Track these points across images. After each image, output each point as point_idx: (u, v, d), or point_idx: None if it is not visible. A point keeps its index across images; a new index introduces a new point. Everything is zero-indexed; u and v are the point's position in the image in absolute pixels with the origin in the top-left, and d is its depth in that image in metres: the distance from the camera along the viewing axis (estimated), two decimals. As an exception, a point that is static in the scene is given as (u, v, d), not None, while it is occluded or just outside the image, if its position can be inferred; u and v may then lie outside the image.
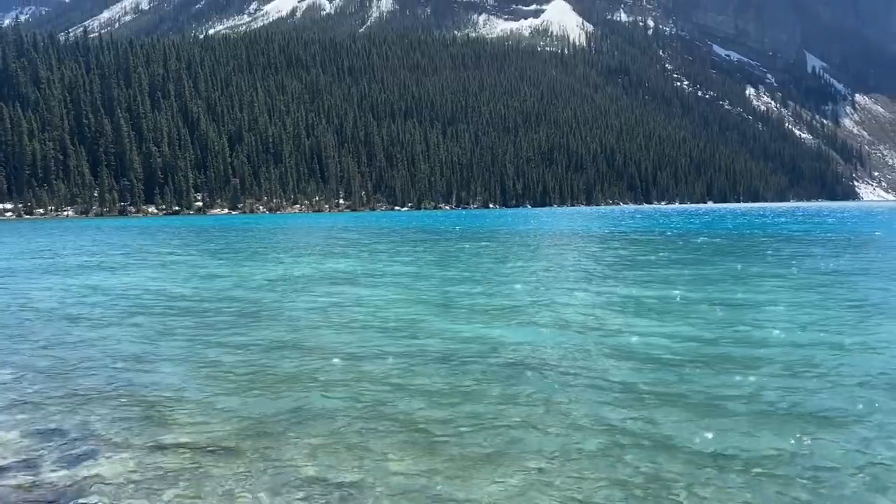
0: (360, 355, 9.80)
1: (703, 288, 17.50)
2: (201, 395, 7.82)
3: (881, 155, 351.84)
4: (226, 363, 9.30)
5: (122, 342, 10.67)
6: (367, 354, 9.93)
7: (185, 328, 12.07)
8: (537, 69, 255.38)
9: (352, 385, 8.31)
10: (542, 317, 12.96)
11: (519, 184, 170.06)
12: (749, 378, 8.73)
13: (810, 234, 43.33)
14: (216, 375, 8.70)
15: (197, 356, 9.76)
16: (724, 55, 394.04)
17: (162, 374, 8.73)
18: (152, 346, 10.37)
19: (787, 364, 9.39)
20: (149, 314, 13.57)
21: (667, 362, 9.28)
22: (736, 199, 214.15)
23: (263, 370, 8.95)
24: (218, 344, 10.47)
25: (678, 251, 29.61)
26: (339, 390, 8.09)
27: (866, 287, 17.22)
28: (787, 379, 8.70)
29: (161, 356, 9.73)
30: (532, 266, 23.16)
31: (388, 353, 9.91)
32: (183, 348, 10.34)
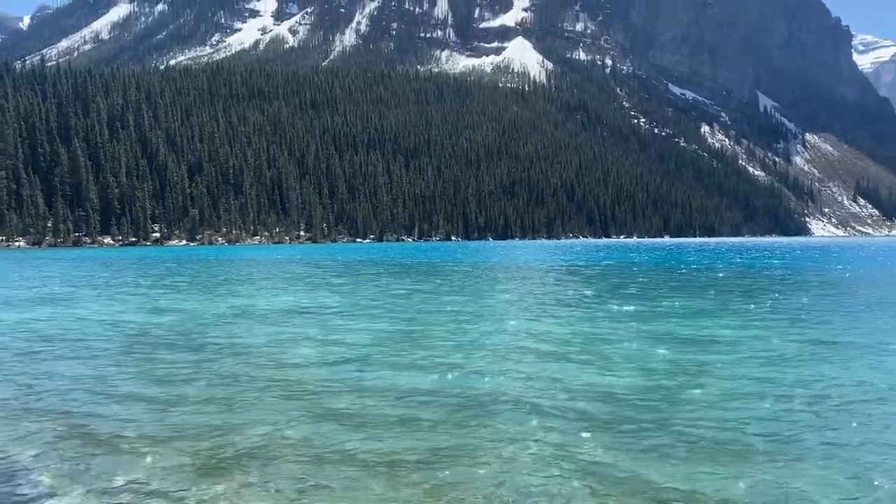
0: (317, 389, 9.64)
1: (664, 320, 17.73)
2: (151, 432, 7.60)
3: (831, 192, 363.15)
4: (177, 399, 9.08)
5: (65, 377, 10.37)
6: (324, 388, 9.77)
7: (135, 362, 11.78)
8: (499, 104, 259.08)
9: (309, 420, 8.16)
10: (502, 349, 12.96)
11: (481, 217, 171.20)
12: (700, 411, 8.83)
13: (768, 269, 44.29)
14: (166, 411, 8.47)
15: (146, 391, 9.52)
16: (680, 94, 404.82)
17: (111, 410, 8.48)
18: (99, 382, 10.09)
19: (738, 395, 9.54)
20: (95, 349, 13.22)
21: (623, 397, 9.35)
22: (692, 233, 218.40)
23: (217, 406, 8.75)
24: (168, 379, 10.23)
25: (634, 284, 29.99)
26: (296, 425, 7.93)
27: (828, 323, 17.63)
28: (737, 411, 8.84)
29: (111, 391, 9.46)
30: (491, 298, 23.22)
31: (346, 388, 9.78)
32: (133, 383, 10.08)
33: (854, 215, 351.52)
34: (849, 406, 8.89)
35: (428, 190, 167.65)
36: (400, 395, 9.27)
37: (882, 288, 27.83)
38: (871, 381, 10.23)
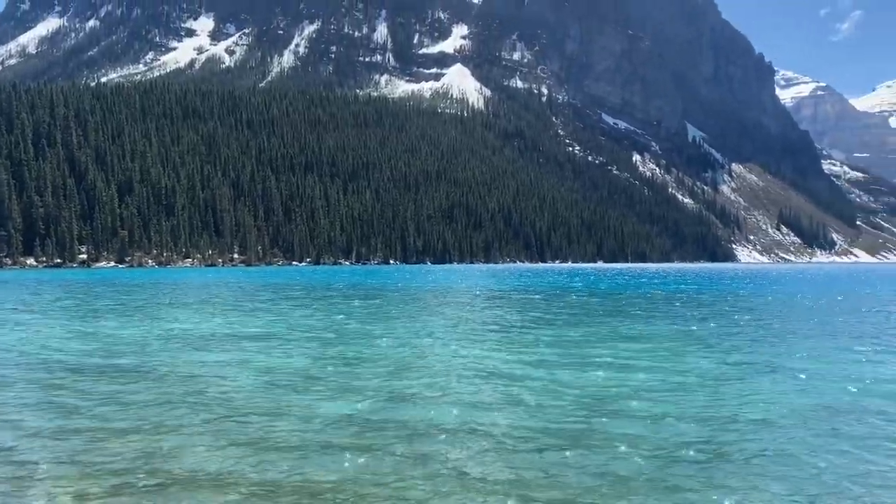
0: (241, 417, 9.40)
1: (591, 344, 18.02)
2: (70, 460, 7.29)
3: (756, 220, 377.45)
4: (98, 426, 8.74)
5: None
6: (248, 415, 9.53)
7: (44, 391, 11.32)
8: (438, 129, 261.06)
9: (241, 448, 7.95)
10: (433, 374, 12.93)
11: (419, 240, 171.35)
12: (627, 430, 8.99)
13: (689, 293, 45.53)
14: (87, 439, 8.14)
15: (64, 419, 9.13)
16: (613, 123, 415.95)
17: (19, 443, 8.09)
18: (2, 412, 9.65)
19: (658, 416, 9.75)
20: (7, 378, 12.68)
21: (550, 420, 9.44)
22: (624, 259, 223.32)
23: (143, 434, 8.46)
24: (78, 408, 9.84)
25: (566, 309, 30.44)
26: (219, 453, 7.71)
27: (751, 346, 18.23)
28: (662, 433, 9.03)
29: (18, 422, 9.04)
30: (424, 322, 23.20)
31: (271, 414, 9.56)
32: (48, 411, 9.67)
33: (777, 243, 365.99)
34: (765, 425, 9.19)
35: (366, 213, 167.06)
36: (326, 421, 9.12)
37: (803, 314, 28.97)
38: (785, 401, 10.60)
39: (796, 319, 25.73)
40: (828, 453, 7.90)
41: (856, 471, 7.36)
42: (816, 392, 11.25)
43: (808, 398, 10.82)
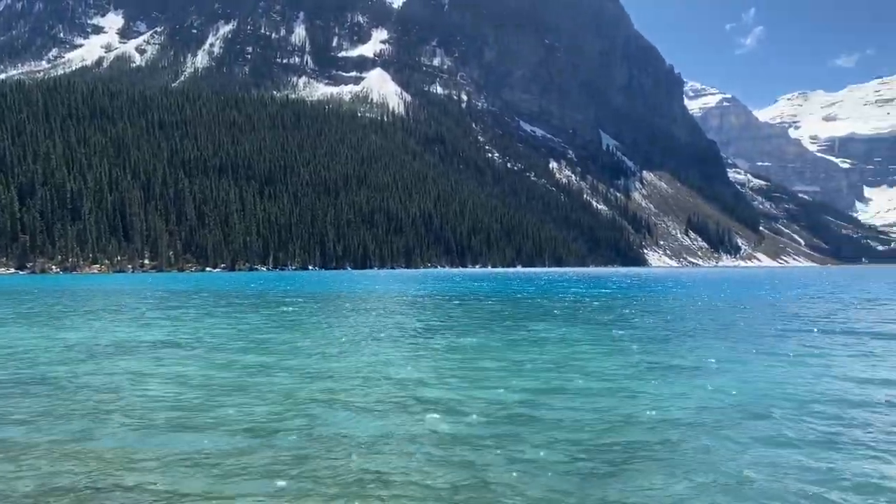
0: (148, 432, 8.92)
1: (512, 347, 18.03)
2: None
3: (666, 226, 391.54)
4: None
5: None
6: (156, 427, 9.08)
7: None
8: (357, 133, 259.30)
9: (140, 462, 7.53)
10: (354, 380, 12.63)
11: (339, 245, 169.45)
12: (555, 433, 8.95)
13: (608, 297, 46.58)
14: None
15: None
16: (530, 131, 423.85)
17: None
18: None
19: (579, 417, 9.77)
20: None
21: (469, 425, 9.33)
22: (542, 263, 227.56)
23: (39, 449, 7.86)
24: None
25: (480, 313, 30.56)
26: (132, 466, 7.30)
27: (664, 347, 18.63)
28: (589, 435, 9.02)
29: None
30: (343, 329, 22.78)
31: (183, 427, 9.13)
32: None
33: (686, 247, 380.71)
34: (686, 424, 9.31)
35: (283, 217, 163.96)
36: (236, 431, 8.72)
37: (716, 314, 29.98)
38: (690, 401, 10.80)
39: (705, 321, 26.57)
40: (733, 451, 8.10)
41: (760, 467, 7.55)
42: (723, 392, 11.52)
43: (713, 398, 11.06)
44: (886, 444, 8.40)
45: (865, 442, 8.49)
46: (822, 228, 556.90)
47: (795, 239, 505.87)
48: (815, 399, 10.92)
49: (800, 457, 7.83)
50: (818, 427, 9.11)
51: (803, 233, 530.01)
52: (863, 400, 10.97)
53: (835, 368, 14.11)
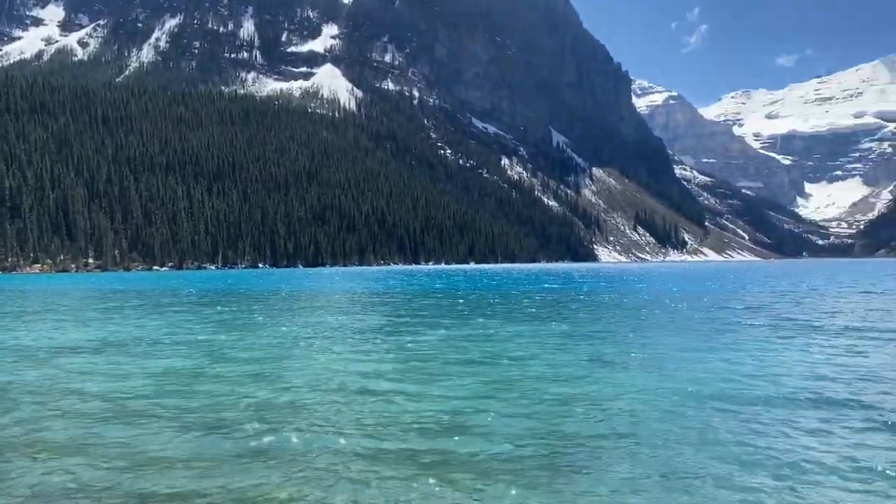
0: (91, 434, 8.68)
1: (464, 342, 18.05)
2: None
3: (615, 222, 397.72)
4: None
5: None
6: (101, 426, 8.86)
7: None
8: (308, 130, 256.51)
9: (85, 457, 7.33)
10: (301, 380, 12.47)
11: (290, 243, 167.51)
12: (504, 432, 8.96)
13: (558, 292, 47.04)
14: None
15: None
16: (482, 127, 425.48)
17: None
18: None
19: (527, 413, 9.84)
20: None
21: (417, 422, 9.34)
22: (494, 259, 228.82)
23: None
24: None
25: (431, 310, 30.54)
26: (70, 467, 7.08)
27: (612, 339, 18.87)
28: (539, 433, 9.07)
29: None
30: (290, 327, 22.52)
31: (125, 423, 8.93)
32: None
33: (634, 243, 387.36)
34: (630, 414, 9.45)
35: (233, 215, 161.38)
36: (182, 429, 8.55)
37: (666, 308, 30.53)
38: (633, 392, 10.97)
39: (655, 315, 27.03)
40: (674, 440, 8.34)
41: (699, 457, 7.77)
42: (667, 383, 11.74)
43: (657, 390, 11.27)
44: (820, 431, 8.69)
45: (805, 427, 8.79)
46: (764, 223, 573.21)
47: (739, 234, 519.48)
48: (751, 389, 11.24)
49: (735, 447, 8.07)
50: (753, 416, 9.41)
51: (747, 228, 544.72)
52: (798, 390, 11.31)
53: (775, 360, 14.52)
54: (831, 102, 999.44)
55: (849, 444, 8.09)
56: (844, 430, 8.65)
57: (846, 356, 14.94)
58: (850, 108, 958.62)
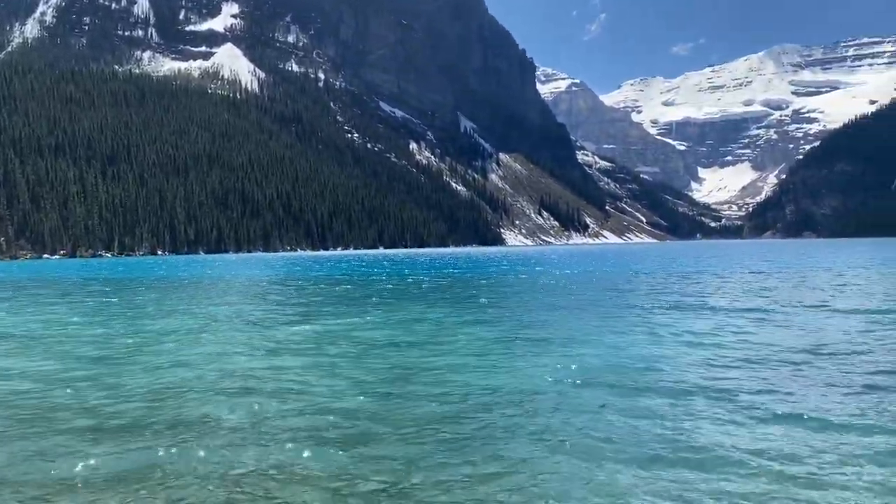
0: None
1: (372, 329, 17.88)
2: None
3: (521, 206, 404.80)
4: None
5: None
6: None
7: None
8: (208, 111, 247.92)
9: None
10: (208, 368, 12.08)
11: (191, 229, 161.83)
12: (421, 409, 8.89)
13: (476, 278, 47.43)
14: None
15: None
16: (390, 111, 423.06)
17: None
18: None
19: (440, 396, 9.82)
20: None
21: (323, 403, 9.21)
22: (404, 244, 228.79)
23: None
24: None
25: (337, 297, 30.19)
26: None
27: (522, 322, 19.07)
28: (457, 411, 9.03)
29: None
30: (193, 317, 21.78)
31: (20, 406, 8.43)
32: None
33: (540, 227, 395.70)
34: (538, 394, 9.55)
35: (129, 200, 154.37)
36: (78, 424, 8.11)
37: (571, 289, 31.21)
38: (532, 373, 11.12)
39: (562, 296, 27.60)
40: (570, 422, 8.46)
41: (609, 432, 8.01)
42: (570, 364, 11.96)
43: (564, 369, 11.47)
44: (724, 409, 9.00)
45: (702, 407, 9.09)
46: (661, 207, 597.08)
47: (638, 217, 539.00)
48: (655, 367, 11.59)
49: (646, 424, 8.27)
50: (663, 394, 9.68)
51: (645, 211, 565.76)
52: (702, 364, 11.72)
53: (675, 338, 15.03)
54: (723, 91, 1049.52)
55: (741, 425, 8.37)
56: (735, 411, 8.97)
57: (738, 335, 15.62)
58: (740, 97, 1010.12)
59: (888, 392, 9.63)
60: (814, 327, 16.20)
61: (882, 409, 8.78)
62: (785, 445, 7.47)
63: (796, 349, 13.09)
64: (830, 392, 9.69)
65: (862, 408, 8.81)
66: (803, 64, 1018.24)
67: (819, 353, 12.76)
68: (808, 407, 8.89)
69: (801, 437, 7.77)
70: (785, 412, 8.67)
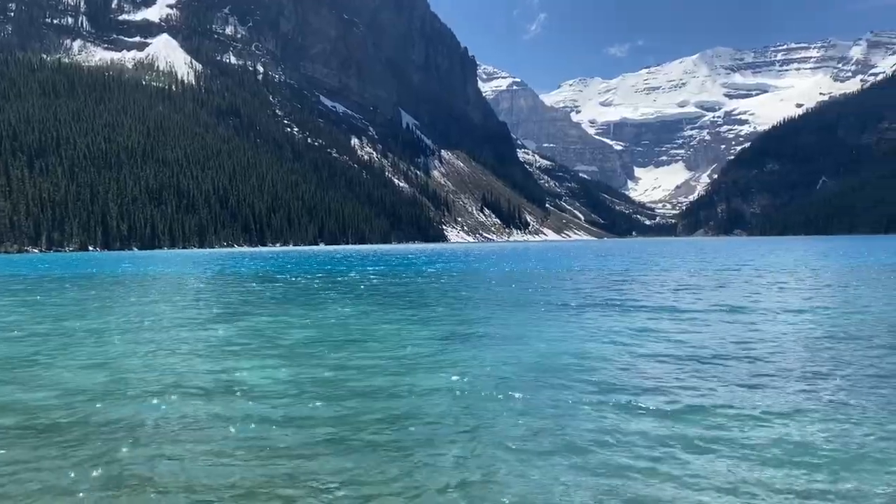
0: None
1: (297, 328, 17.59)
2: None
3: (463, 203, 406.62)
4: None
5: None
6: None
7: None
8: (143, 103, 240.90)
9: None
10: (133, 368, 11.75)
11: (124, 224, 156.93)
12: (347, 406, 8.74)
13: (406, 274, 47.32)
14: None
15: None
16: (331, 106, 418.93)
17: None
18: None
19: (367, 392, 9.74)
20: None
21: (256, 401, 9.04)
22: (345, 241, 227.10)
23: None
24: None
25: (273, 295, 29.72)
26: None
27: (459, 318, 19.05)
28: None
29: None
30: (118, 316, 21.13)
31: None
32: None
33: (481, 224, 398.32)
34: (471, 391, 9.54)
35: (58, 194, 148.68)
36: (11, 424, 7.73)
37: (510, 286, 31.37)
38: (470, 369, 11.10)
39: (499, 294, 27.71)
40: (501, 418, 8.51)
41: (543, 426, 8.11)
42: (502, 360, 12.02)
43: (493, 365, 11.51)
44: (652, 402, 9.16)
45: (636, 399, 9.25)
46: (599, 205, 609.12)
47: (577, 215, 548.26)
48: (591, 363, 11.73)
49: (580, 419, 8.37)
50: (590, 390, 9.81)
51: (583, 209, 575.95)
52: (635, 360, 11.91)
53: (608, 334, 15.22)
54: (658, 92, 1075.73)
55: (658, 418, 8.56)
56: (649, 404, 9.16)
57: (662, 333, 15.93)
58: (675, 98, 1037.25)
59: (794, 386, 9.98)
60: (734, 327, 16.60)
61: (789, 401, 9.13)
62: (699, 436, 7.76)
63: (713, 347, 13.41)
64: (747, 387, 10.06)
65: (772, 402, 9.15)
66: (735, 67, 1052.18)
67: (738, 349, 13.12)
68: (720, 401, 9.20)
69: (715, 428, 8.08)
70: (699, 405, 8.98)
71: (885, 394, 9.56)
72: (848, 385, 10.14)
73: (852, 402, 9.11)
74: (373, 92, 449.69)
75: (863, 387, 10.01)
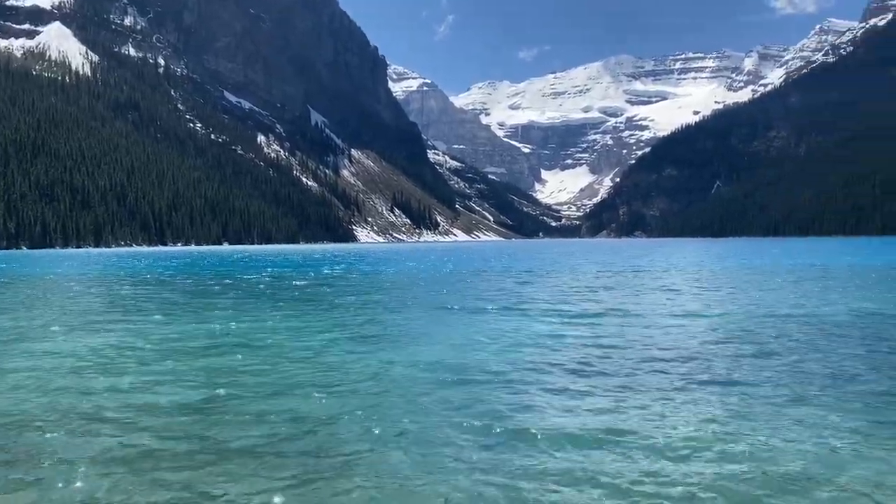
0: None
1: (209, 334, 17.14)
2: None
3: (373, 203, 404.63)
4: None
5: None
6: None
7: None
8: (33, 94, 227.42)
9: None
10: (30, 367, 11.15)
11: (11, 222, 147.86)
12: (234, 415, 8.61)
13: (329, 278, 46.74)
14: None
15: None
16: (236, 102, 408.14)
17: None
18: None
19: (270, 394, 9.63)
20: None
21: (179, 399, 8.76)
22: (251, 240, 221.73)
23: None
24: None
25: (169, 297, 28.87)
26: None
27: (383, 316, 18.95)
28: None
29: None
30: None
31: None
32: None
33: (392, 224, 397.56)
34: (378, 392, 9.55)
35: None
36: None
37: (420, 287, 31.46)
38: (386, 367, 11.13)
39: (396, 294, 27.77)
40: (406, 417, 8.55)
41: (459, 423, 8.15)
42: (400, 360, 12.09)
43: (413, 364, 11.55)
44: (571, 397, 9.39)
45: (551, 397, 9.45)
46: (507, 206, 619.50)
47: (486, 216, 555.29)
48: (503, 362, 11.92)
49: (475, 416, 8.48)
50: (494, 387, 9.99)
51: (492, 210, 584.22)
52: (544, 359, 12.17)
53: (518, 333, 15.52)
54: (564, 97, 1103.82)
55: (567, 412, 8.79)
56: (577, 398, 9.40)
57: (566, 334, 16.40)
58: (580, 103, 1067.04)
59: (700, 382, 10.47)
60: (635, 327, 17.24)
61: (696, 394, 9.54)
62: (606, 427, 8.03)
63: (615, 347, 13.88)
64: (649, 385, 10.42)
65: (686, 401, 9.52)
66: (636, 75, 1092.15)
67: (644, 350, 13.59)
68: (610, 400, 9.50)
69: (622, 419, 8.41)
70: (610, 405, 9.24)
71: (771, 379, 10.14)
72: (734, 378, 10.68)
73: (747, 395, 9.61)
74: (280, 88, 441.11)
75: (733, 376, 10.56)
